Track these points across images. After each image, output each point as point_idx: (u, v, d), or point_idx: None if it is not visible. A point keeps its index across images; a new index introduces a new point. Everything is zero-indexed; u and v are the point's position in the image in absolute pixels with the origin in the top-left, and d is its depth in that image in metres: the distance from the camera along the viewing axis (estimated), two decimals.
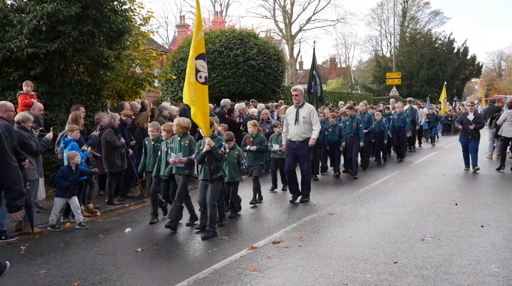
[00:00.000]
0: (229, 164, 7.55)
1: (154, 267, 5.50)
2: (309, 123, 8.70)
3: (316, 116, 8.80)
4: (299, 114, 8.71)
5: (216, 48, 18.34)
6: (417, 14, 55.88)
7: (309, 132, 8.70)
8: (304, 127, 8.69)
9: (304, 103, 8.87)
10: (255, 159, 8.94)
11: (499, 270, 5.01)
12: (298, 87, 8.91)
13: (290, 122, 8.82)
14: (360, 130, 11.68)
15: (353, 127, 11.66)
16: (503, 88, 64.20)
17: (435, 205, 8.30)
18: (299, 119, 8.68)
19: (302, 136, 8.69)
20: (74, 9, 9.47)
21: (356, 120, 11.74)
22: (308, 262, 5.43)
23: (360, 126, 11.69)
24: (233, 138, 7.68)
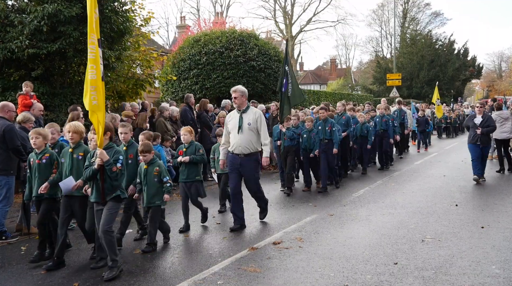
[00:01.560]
0: (148, 183, 6.12)
1: (154, 267, 5.50)
2: (256, 132, 7.10)
3: (264, 124, 7.16)
4: (242, 120, 7.04)
5: (216, 49, 18.34)
6: (417, 15, 55.94)
7: (256, 143, 7.13)
8: (249, 137, 7.02)
9: (249, 107, 7.24)
10: (190, 173, 7.13)
11: (500, 271, 5.01)
12: (237, 88, 7.20)
13: (232, 130, 7.13)
14: (334, 135, 10.00)
15: (327, 132, 10.04)
16: (503, 90, 64.19)
17: (435, 206, 8.30)
18: (243, 127, 7.00)
19: (247, 148, 7.02)
20: (75, 9, 9.50)
21: (329, 123, 10.11)
22: (308, 262, 5.43)
23: (333, 130, 10.02)
24: (150, 150, 6.18)
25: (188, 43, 19.35)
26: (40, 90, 9.86)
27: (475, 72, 50.30)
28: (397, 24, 51.48)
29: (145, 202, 6.21)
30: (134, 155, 6.28)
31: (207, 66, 18.34)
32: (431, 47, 46.57)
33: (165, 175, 6.16)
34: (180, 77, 18.64)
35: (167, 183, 6.15)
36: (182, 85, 18.67)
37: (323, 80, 65.04)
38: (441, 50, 47.45)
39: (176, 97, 18.92)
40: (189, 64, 18.53)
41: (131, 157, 6.25)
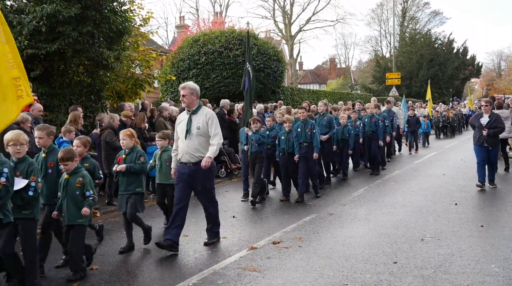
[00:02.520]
0: (68, 196, 5.12)
1: (154, 267, 5.50)
2: (206, 136, 6.09)
3: (216, 126, 6.15)
4: (191, 123, 6.04)
5: (215, 49, 18.35)
6: (416, 14, 55.99)
7: (207, 149, 6.07)
8: (198, 143, 6.02)
9: (200, 107, 6.18)
10: (129, 184, 6.18)
11: (499, 269, 5.01)
12: (187, 85, 6.19)
13: (180, 135, 6.15)
14: (314, 138, 9.10)
15: (307, 135, 9.09)
16: (502, 88, 64.21)
17: (435, 205, 8.31)
18: (191, 131, 6.01)
19: (195, 155, 6.00)
20: (74, 10, 9.49)
21: (309, 125, 9.17)
22: (308, 262, 5.43)
23: (314, 133, 9.09)
24: (73, 158, 5.13)
25: (187, 43, 19.36)
26: (39, 91, 9.85)
27: (475, 71, 50.39)
28: (396, 23, 51.48)
29: (65, 220, 5.18)
30: (55, 164, 5.35)
31: (206, 66, 18.35)
32: (430, 46, 46.64)
33: (88, 188, 5.14)
34: (180, 77, 18.64)
35: (89, 197, 5.12)
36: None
37: (322, 79, 65.06)
38: (440, 49, 47.53)
39: (175, 98, 18.92)
40: (188, 64, 18.54)
41: (51, 166, 5.37)
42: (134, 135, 6.36)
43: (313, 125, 9.22)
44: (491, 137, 9.31)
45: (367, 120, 12.30)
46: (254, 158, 8.96)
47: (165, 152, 7.00)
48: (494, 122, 9.31)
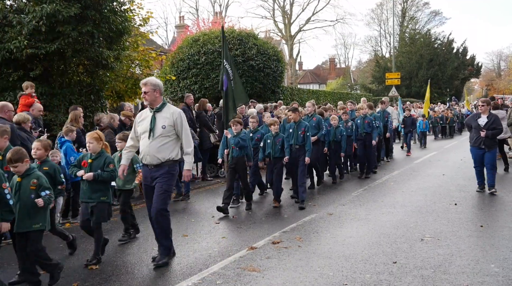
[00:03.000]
0: (21, 202, 4.75)
1: (154, 267, 5.49)
2: (173, 138, 5.56)
3: (186, 127, 5.61)
4: (156, 121, 5.51)
5: (215, 49, 18.33)
6: (416, 14, 56.02)
7: (172, 151, 5.55)
8: (162, 143, 5.48)
9: (165, 105, 5.64)
10: (93, 192, 5.62)
11: (499, 269, 5.01)
12: (149, 80, 5.60)
13: (142, 134, 5.60)
14: (307, 141, 8.58)
15: (299, 137, 8.59)
16: (502, 89, 64.23)
17: (434, 205, 8.31)
18: (155, 130, 5.48)
19: (157, 157, 5.48)
20: (74, 9, 9.48)
21: (302, 127, 8.63)
22: (307, 262, 5.43)
23: (307, 135, 8.59)
24: (22, 158, 4.77)
25: (187, 43, 19.35)
26: (39, 91, 9.84)
27: (474, 71, 50.41)
28: (396, 23, 51.62)
29: (18, 227, 4.80)
30: None
31: (206, 66, 18.34)
32: (430, 46, 46.68)
33: (45, 189, 4.82)
34: (179, 77, 18.64)
35: (45, 197, 4.80)
36: (181, 85, 18.68)
37: (322, 79, 65.07)
38: (440, 49, 47.58)
39: (175, 97, 18.93)
40: (188, 64, 18.53)
41: (8, 170, 5.02)
42: (102, 138, 5.82)
43: (307, 128, 8.66)
44: (489, 139, 8.89)
45: (360, 121, 11.78)
46: (235, 163, 8.26)
47: None
48: (492, 123, 8.91)
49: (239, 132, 8.27)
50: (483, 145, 8.95)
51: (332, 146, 10.96)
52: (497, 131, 9.00)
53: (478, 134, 8.93)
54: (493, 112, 10.31)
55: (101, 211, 5.65)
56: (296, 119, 8.72)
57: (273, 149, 8.61)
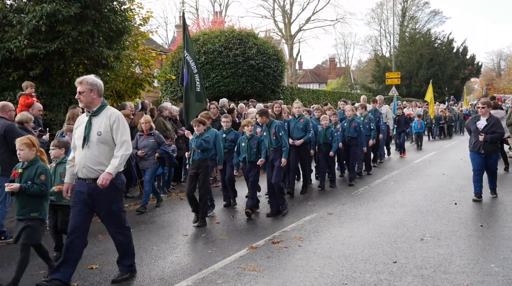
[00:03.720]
0: None
1: (154, 267, 5.50)
2: (110, 145, 4.81)
3: (124, 131, 4.83)
4: (91, 127, 4.76)
5: (215, 48, 18.35)
6: (416, 14, 55.98)
7: (110, 161, 4.78)
8: (99, 152, 4.75)
9: (103, 108, 4.87)
10: (23, 207, 4.88)
11: (499, 269, 5.01)
12: (84, 79, 4.81)
13: (77, 142, 4.84)
14: (282, 141, 7.92)
15: (273, 140, 8.05)
16: (502, 88, 64.26)
17: (434, 204, 8.31)
18: (90, 137, 4.74)
19: (95, 169, 4.73)
20: (74, 9, 9.49)
21: (273, 128, 7.99)
22: (307, 262, 5.43)
23: (280, 136, 7.92)
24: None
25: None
26: (39, 90, 9.86)
27: (474, 71, 50.37)
28: (396, 23, 51.61)
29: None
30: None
31: (206, 65, 18.35)
32: (430, 45, 46.64)
33: None
34: (179, 76, 18.64)
35: None
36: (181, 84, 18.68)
37: (322, 79, 65.07)
38: (440, 48, 47.53)
39: (175, 97, 18.95)
40: None
41: None
42: (36, 144, 5.03)
43: (278, 128, 7.96)
44: (488, 143, 8.21)
45: (346, 124, 10.85)
46: (196, 167, 7.45)
47: (61, 164, 5.66)
48: (492, 127, 8.24)
49: (202, 133, 7.48)
50: (482, 150, 8.25)
51: (324, 148, 10.19)
52: (497, 135, 8.32)
53: (477, 138, 8.32)
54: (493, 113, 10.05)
55: (31, 230, 4.82)
56: (267, 122, 8.07)
57: (248, 153, 7.93)
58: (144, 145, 8.68)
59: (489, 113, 8.53)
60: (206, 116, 8.22)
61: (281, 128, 7.99)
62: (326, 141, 10.16)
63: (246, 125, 8.04)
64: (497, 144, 8.55)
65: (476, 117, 8.69)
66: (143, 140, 8.74)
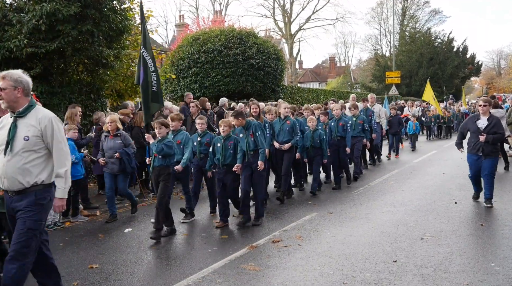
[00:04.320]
0: None
1: (154, 266, 5.50)
2: (41, 153, 4.10)
3: (60, 139, 4.15)
4: (16, 131, 4.05)
5: (215, 48, 18.33)
6: (416, 13, 55.92)
7: (41, 172, 4.10)
8: (25, 161, 4.02)
9: (32, 108, 4.15)
10: None
11: (499, 268, 5.01)
12: (7, 74, 4.10)
13: None
14: (258, 141, 7.24)
15: (251, 142, 7.26)
16: (502, 87, 64.25)
17: (434, 203, 8.31)
18: (14, 143, 4.02)
19: (20, 180, 4.02)
20: (73, 8, 9.47)
21: (251, 129, 7.29)
22: (307, 261, 5.44)
23: (257, 136, 7.25)
24: None
25: (187, 42, 19.34)
26: (39, 89, 9.85)
27: (474, 70, 50.35)
28: (396, 22, 51.55)
29: None
30: None
31: (206, 64, 18.34)
32: (430, 45, 46.60)
33: None
34: (179, 75, 18.64)
35: None
36: (181, 83, 18.68)
37: (322, 78, 65.07)
38: (440, 48, 47.50)
39: (175, 96, 18.95)
40: (188, 63, 18.53)
41: None
42: None
43: (255, 128, 7.29)
44: (489, 145, 7.74)
45: (334, 124, 10.19)
46: (157, 174, 6.75)
47: None
48: (493, 127, 7.77)
49: (164, 137, 6.75)
50: (482, 152, 7.78)
51: (311, 152, 9.41)
52: (499, 136, 7.83)
53: (477, 139, 7.80)
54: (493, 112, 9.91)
55: None
56: (243, 124, 7.34)
57: (223, 155, 7.27)
58: (110, 147, 7.85)
59: (490, 112, 8.05)
60: (177, 117, 7.62)
61: (258, 128, 7.34)
62: (313, 145, 9.33)
63: (220, 125, 7.43)
64: (497, 146, 8.02)
65: (475, 116, 8.10)
66: (109, 141, 7.91)
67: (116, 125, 7.95)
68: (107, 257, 5.90)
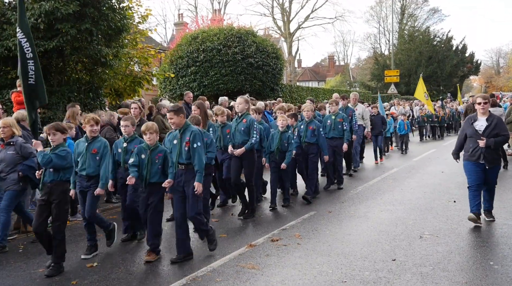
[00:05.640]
0: None
1: (153, 265, 5.50)
2: None
3: None
4: None
5: (214, 46, 18.31)
6: (415, 12, 55.87)
7: None
8: None
9: None
10: None
11: (498, 267, 5.02)
12: None
13: None
14: (195, 157, 5.49)
15: (184, 152, 5.53)
16: (501, 86, 64.29)
17: (433, 202, 8.32)
18: None
19: None
20: (72, 7, 9.47)
21: (189, 135, 5.52)
22: (306, 259, 5.44)
23: (195, 148, 5.46)
24: None
25: (185, 41, 19.32)
26: None
27: (473, 69, 50.39)
28: (395, 20, 51.51)
29: None
30: None
31: (205, 63, 18.32)
32: (429, 43, 46.63)
33: None
34: (178, 74, 18.63)
35: None
36: (180, 82, 18.66)
37: (321, 77, 65.07)
38: (439, 46, 47.54)
39: (174, 95, 18.94)
40: (187, 61, 18.51)
41: None
42: None
43: (193, 137, 5.54)
44: (491, 150, 6.49)
45: (303, 127, 8.73)
46: (47, 192, 5.37)
47: None
48: (495, 128, 6.48)
49: (59, 144, 5.44)
50: (483, 160, 6.52)
51: (277, 156, 8.00)
52: (502, 138, 6.53)
53: (476, 144, 6.52)
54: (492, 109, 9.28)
55: None
56: (180, 125, 5.59)
57: (149, 170, 5.59)
58: (1, 159, 6.29)
59: (489, 111, 6.76)
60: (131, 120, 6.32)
61: (198, 138, 5.52)
62: (280, 148, 7.97)
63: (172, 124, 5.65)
64: (498, 151, 6.86)
65: (472, 117, 6.80)
66: (0, 151, 6.33)
67: (11, 131, 6.33)
68: (106, 256, 5.89)
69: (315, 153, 8.74)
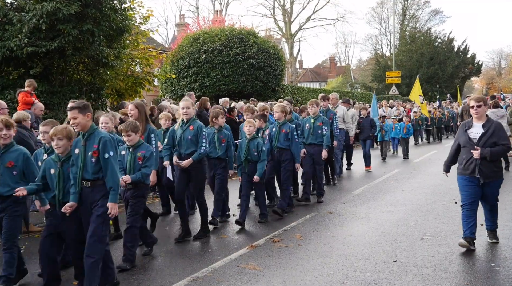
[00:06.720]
0: None
1: (154, 266, 5.50)
2: None
3: None
4: None
5: (216, 47, 18.35)
6: (417, 13, 55.91)
7: None
8: None
9: None
10: None
11: (499, 268, 5.01)
12: None
13: None
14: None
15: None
16: (502, 87, 64.23)
17: (434, 203, 8.31)
18: None
19: None
20: (74, 7, 9.49)
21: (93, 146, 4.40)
22: (307, 260, 5.44)
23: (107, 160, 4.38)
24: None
25: (187, 41, 19.37)
26: (39, 89, 9.87)
27: (475, 70, 50.34)
28: (397, 21, 51.48)
29: None
30: None
31: (206, 64, 18.36)
32: (430, 44, 46.61)
33: None
34: (179, 75, 18.66)
35: None
36: (181, 83, 18.70)
37: (322, 78, 65.06)
38: (441, 47, 47.52)
39: (175, 96, 18.96)
40: (188, 62, 18.55)
41: None
42: None
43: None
44: (488, 162, 5.54)
45: (275, 130, 7.70)
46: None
47: None
48: (492, 136, 5.54)
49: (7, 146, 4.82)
50: (479, 174, 5.58)
51: (246, 168, 7.02)
52: (501, 148, 5.56)
53: (470, 154, 5.61)
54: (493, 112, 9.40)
55: None
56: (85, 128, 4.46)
57: (60, 187, 4.57)
58: None
59: (486, 116, 5.78)
60: None
61: (110, 145, 4.42)
62: (249, 158, 6.95)
63: None
64: (497, 162, 5.80)
65: (466, 123, 5.88)
66: None
67: None
68: None
69: (288, 160, 7.62)
